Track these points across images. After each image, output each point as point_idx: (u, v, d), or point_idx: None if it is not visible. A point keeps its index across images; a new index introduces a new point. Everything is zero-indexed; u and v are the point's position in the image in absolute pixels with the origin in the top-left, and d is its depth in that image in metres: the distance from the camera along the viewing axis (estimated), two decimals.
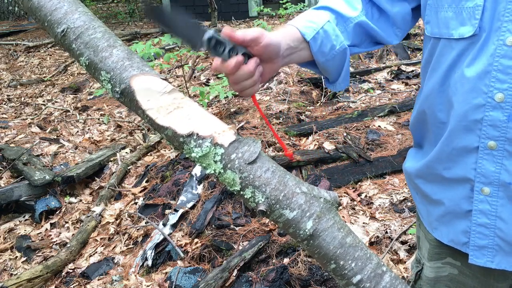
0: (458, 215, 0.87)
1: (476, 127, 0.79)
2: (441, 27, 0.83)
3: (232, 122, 3.74)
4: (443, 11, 0.82)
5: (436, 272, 0.99)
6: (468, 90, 0.78)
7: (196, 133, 0.74)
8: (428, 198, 0.95)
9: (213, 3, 8.20)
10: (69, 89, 6.11)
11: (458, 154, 0.83)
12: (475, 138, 0.79)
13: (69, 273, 2.64)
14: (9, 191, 3.33)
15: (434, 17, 0.85)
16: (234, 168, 0.74)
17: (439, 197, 0.90)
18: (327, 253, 0.76)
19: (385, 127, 3.42)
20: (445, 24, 0.82)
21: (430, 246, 0.99)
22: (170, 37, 0.59)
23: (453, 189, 0.86)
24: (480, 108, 0.77)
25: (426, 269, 1.03)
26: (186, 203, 2.75)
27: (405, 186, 2.75)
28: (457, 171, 0.84)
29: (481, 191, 0.82)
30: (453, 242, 0.90)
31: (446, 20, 0.81)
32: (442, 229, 0.92)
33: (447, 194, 0.88)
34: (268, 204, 0.75)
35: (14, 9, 12.21)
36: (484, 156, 0.79)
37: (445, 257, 0.96)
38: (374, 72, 4.97)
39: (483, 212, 0.82)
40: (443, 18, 0.82)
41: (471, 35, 0.77)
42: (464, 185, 0.84)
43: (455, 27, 0.79)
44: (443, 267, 0.97)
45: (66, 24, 0.81)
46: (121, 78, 0.79)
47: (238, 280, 2.13)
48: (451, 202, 0.88)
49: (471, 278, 0.93)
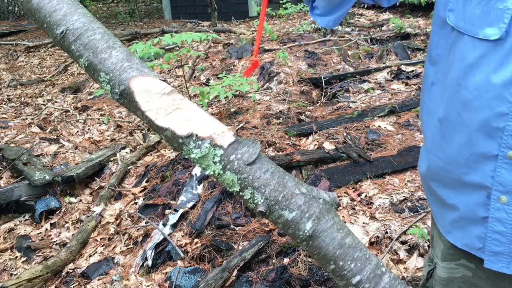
0: (473, 221, 0.85)
1: (497, 135, 0.77)
2: (467, 22, 0.79)
3: (232, 122, 3.74)
4: (471, 7, 0.78)
5: (449, 273, 0.98)
6: (492, 97, 0.76)
7: (195, 134, 0.74)
8: (442, 201, 0.93)
9: (213, 3, 8.20)
10: (69, 89, 6.11)
11: (476, 160, 0.81)
12: (495, 146, 0.78)
13: (69, 273, 2.64)
14: (9, 191, 3.33)
15: (460, 8, 0.81)
16: (233, 169, 0.74)
17: (454, 201, 0.89)
18: (326, 254, 0.76)
19: (385, 127, 3.42)
20: (471, 21, 0.78)
21: (444, 246, 0.98)
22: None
23: (469, 194, 0.85)
24: (503, 117, 0.75)
25: (439, 269, 1.01)
26: (186, 203, 2.75)
27: (405, 186, 2.75)
28: (474, 177, 0.83)
29: (498, 200, 0.80)
30: (467, 246, 0.89)
31: (472, 17, 0.78)
32: (456, 233, 0.91)
33: (462, 199, 0.87)
34: (267, 205, 0.75)
35: (14, 9, 12.21)
36: (503, 165, 0.78)
37: (459, 258, 0.95)
38: (374, 72, 4.97)
39: (500, 220, 0.81)
40: (469, 14, 0.78)
41: (497, 38, 0.74)
42: (480, 192, 0.82)
43: (481, 26, 0.76)
44: (457, 268, 0.96)
45: (65, 25, 0.81)
46: (120, 80, 0.79)
47: (238, 280, 2.13)
48: (466, 208, 0.86)
49: (485, 281, 0.91)
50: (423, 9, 7.46)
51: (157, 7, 13.11)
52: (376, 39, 6.44)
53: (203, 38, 3.55)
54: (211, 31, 7.28)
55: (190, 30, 7.78)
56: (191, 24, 9.16)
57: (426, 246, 2.28)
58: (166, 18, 10.60)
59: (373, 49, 5.99)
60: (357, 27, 7.15)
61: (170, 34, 3.63)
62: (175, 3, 10.46)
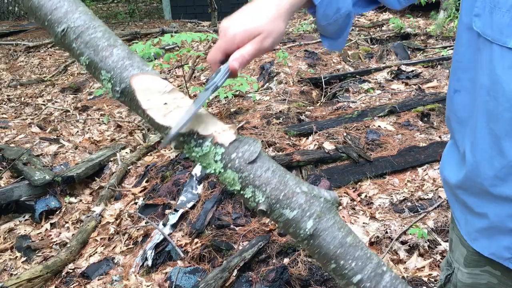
0: (503, 231, 0.83)
1: None
2: (495, 30, 0.75)
3: (232, 122, 3.74)
4: (500, 15, 0.74)
5: (473, 279, 0.96)
6: None
7: (196, 132, 0.74)
8: (469, 209, 0.90)
9: (213, 3, 8.20)
10: (69, 89, 6.11)
11: (507, 172, 0.79)
12: None
13: (69, 273, 2.64)
14: (9, 191, 3.32)
15: (487, 15, 0.77)
16: (234, 168, 0.74)
17: (483, 210, 0.86)
18: (327, 253, 0.76)
19: (385, 127, 3.42)
20: (500, 29, 0.75)
21: (468, 252, 0.96)
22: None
23: (499, 205, 0.82)
24: None
25: (461, 275, 0.99)
26: (186, 203, 2.75)
27: (405, 186, 2.75)
28: (505, 190, 0.80)
29: None
30: (494, 255, 0.87)
31: (501, 25, 0.74)
32: (483, 241, 0.89)
33: (492, 209, 0.84)
34: (268, 203, 0.74)
35: (14, 9, 12.21)
36: None
37: (484, 265, 0.92)
38: (374, 72, 4.97)
39: None
40: (498, 22, 0.75)
41: None
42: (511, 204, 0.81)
43: (510, 35, 0.73)
44: (481, 274, 0.94)
45: (66, 23, 0.81)
46: (121, 78, 0.79)
47: (238, 280, 2.13)
48: (496, 218, 0.84)
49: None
50: (423, 9, 7.46)
51: (157, 7, 13.11)
52: (376, 39, 6.45)
53: (203, 38, 3.55)
54: (211, 31, 7.28)
55: (190, 30, 7.78)
56: (191, 24, 9.17)
57: (426, 246, 2.28)
58: (166, 18, 10.60)
59: (373, 49, 5.99)
60: (357, 27, 7.15)
61: (170, 34, 3.63)
62: (175, 3, 10.45)
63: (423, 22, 7.35)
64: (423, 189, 2.70)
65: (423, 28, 6.89)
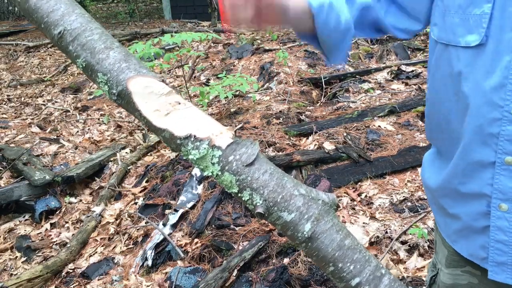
0: (476, 230, 0.84)
1: (492, 142, 0.76)
2: (448, 32, 0.80)
3: (232, 122, 3.73)
4: (450, 16, 0.79)
5: (454, 279, 0.96)
6: (482, 104, 0.75)
7: (193, 135, 0.74)
8: (445, 211, 0.92)
9: (213, 3, 8.19)
10: (69, 89, 6.11)
11: (473, 169, 0.80)
12: (492, 153, 0.77)
13: (69, 273, 2.64)
14: (9, 191, 3.32)
15: (441, 20, 0.82)
16: (232, 170, 0.73)
17: (455, 211, 0.88)
18: (325, 256, 0.76)
19: (385, 127, 3.42)
20: (452, 30, 0.79)
21: (449, 253, 0.97)
22: None
23: (469, 204, 0.84)
24: (496, 122, 0.74)
25: (443, 275, 1.00)
26: (186, 203, 2.74)
27: (405, 186, 2.75)
28: (473, 186, 0.82)
29: (498, 208, 0.79)
30: (472, 256, 0.88)
31: (452, 26, 0.79)
32: (462, 242, 0.89)
33: (463, 209, 0.86)
34: (266, 206, 0.74)
35: (14, 9, 12.21)
36: (501, 172, 0.76)
37: (464, 265, 0.93)
38: (374, 72, 4.96)
39: (501, 229, 0.79)
40: (449, 24, 0.79)
41: (478, 44, 0.74)
42: (480, 201, 0.81)
43: (461, 34, 0.77)
44: (462, 275, 0.94)
45: (63, 26, 0.81)
46: (118, 80, 0.79)
47: (238, 280, 2.13)
48: (468, 217, 0.85)
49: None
50: None
51: (157, 7, 13.10)
52: (376, 39, 6.43)
53: (203, 38, 3.55)
54: (211, 31, 7.28)
55: (190, 30, 7.78)
56: (191, 24, 9.16)
57: (426, 246, 2.27)
58: (166, 18, 10.60)
59: (373, 49, 5.98)
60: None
61: (170, 34, 3.62)
62: (175, 3, 10.45)
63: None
64: (423, 189, 2.70)
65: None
